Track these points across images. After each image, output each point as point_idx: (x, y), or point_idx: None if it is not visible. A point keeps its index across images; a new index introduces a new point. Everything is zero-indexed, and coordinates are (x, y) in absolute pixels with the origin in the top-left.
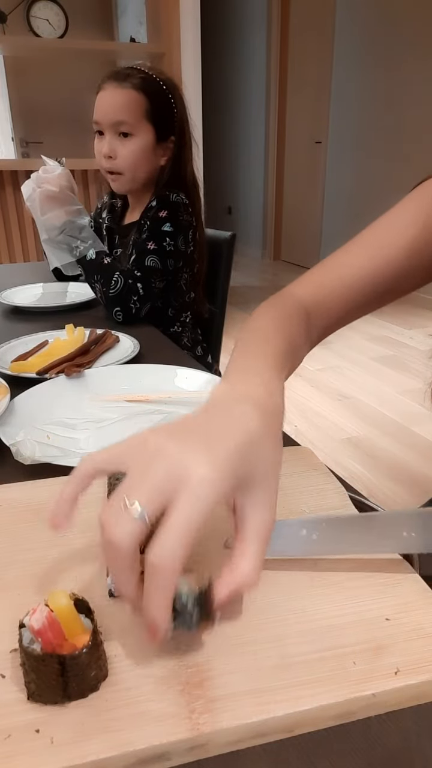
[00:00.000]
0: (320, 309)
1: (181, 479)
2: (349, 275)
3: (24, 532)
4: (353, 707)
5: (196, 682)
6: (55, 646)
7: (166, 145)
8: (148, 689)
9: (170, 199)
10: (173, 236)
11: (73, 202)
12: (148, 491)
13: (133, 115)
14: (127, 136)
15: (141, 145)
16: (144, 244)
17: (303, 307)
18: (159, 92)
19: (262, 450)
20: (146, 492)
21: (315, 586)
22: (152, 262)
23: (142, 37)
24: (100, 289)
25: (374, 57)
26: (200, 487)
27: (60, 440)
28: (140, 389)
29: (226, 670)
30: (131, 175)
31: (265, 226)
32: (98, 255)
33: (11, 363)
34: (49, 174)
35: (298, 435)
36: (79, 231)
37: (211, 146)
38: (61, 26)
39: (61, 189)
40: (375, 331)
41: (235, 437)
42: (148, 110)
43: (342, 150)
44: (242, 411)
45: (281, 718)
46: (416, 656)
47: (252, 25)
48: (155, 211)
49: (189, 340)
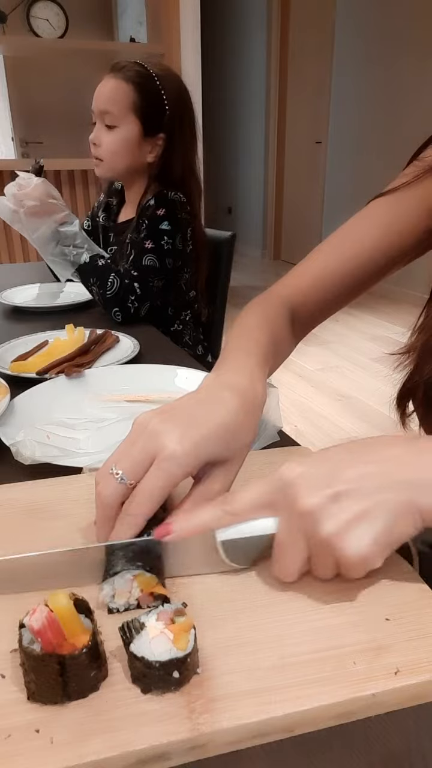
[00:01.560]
0: (301, 307)
1: (155, 453)
2: (323, 275)
3: (24, 532)
4: (353, 707)
5: (196, 682)
6: (54, 646)
7: (153, 141)
8: None
9: (168, 197)
10: (171, 234)
11: (58, 209)
12: (129, 462)
13: (119, 107)
14: (112, 127)
15: (123, 136)
16: (142, 243)
17: (287, 305)
18: (150, 88)
19: (236, 434)
20: (128, 462)
21: (315, 586)
22: (150, 261)
23: (142, 37)
24: (97, 291)
25: (374, 57)
26: (166, 462)
27: (60, 440)
28: (140, 389)
29: (226, 670)
30: (109, 165)
31: (265, 226)
32: (92, 258)
33: (11, 363)
34: (26, 188)
35: (298, 435)
36: (73, 238)
37: (211, 146)
38: (61, 26)
39: (42, 201)
40: (375, 331)
41: (215, 421)
42: (135, 104)
43: (342, 150)
44: (224, 397)
45: (281, 718)
46: (416, 656)
47: (252, 24)
48: (153, 209)
49: (190, 338)
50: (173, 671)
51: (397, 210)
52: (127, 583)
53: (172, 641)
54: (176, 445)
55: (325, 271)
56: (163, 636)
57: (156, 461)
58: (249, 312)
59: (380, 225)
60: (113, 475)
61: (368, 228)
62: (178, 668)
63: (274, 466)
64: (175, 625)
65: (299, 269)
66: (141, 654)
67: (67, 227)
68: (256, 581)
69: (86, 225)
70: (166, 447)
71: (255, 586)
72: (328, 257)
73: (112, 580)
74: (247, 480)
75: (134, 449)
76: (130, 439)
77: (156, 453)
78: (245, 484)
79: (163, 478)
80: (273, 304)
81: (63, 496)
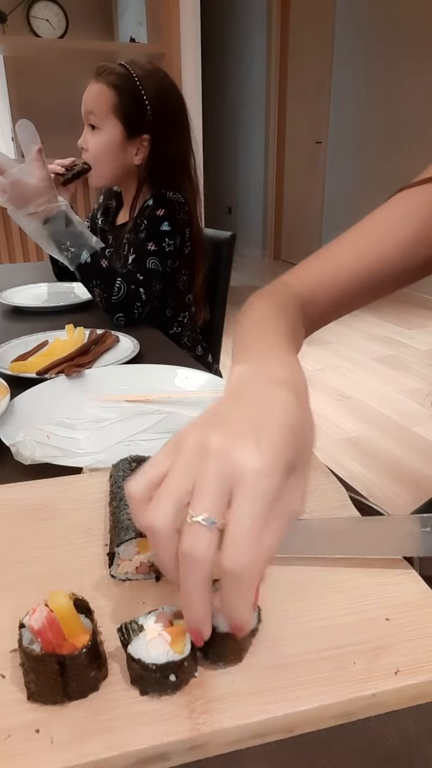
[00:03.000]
0: (312, 301)
1: (235, 477)
2: (340, 272)
3: (24, 532)
4: (353, 707)
5: (196, 682)
6: (54, 646)
7: (138, 142)
8: None
9: (167, 197)
10: (172, 236)
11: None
12: (209, 499)
13: (100, 110)
14: (95, 129)
15: (106, 139)
16: (143, 245)
17: (297, 295)
18: (130, 89)
19: (303, 432)
20: (207, 501)
21: (315, 586)
22: (153, 265)
23: (142, 37)
24: (101, 294)
25: (374, 57)
26: (256, 482)
27: (60, 440)
28: (140, 389)
29: (226, 670)
30: (97, 172)
31: (265, 226)
32: (94, 257)
33: (11, 363)
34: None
35: None
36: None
37: (211, 146)
38: (61, 26)
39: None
40: (375, 331)
41: (279, 422)
42: (116, 106)
43: (342, 150)
44: (277, 394)
45: (281, 718)
46: (416, 656)
47: (252, 24)
48: (152, 209)
49: (189, 339)
50: (170, 674)
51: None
52: (131, 551)
53: (170, 644)
54: (257, 458)
55: (340, 271)
56: (161, 638)
57: (240, 486)
58: (261, 300)
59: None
60: (198, 525)
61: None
62: (174, 671)
63: None
64: (173, 628)
65: (314, 263)
66: (138, 656)
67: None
68: None
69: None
70: (245, 463)
71: None
72: (344, 255)
73: (118, 551)
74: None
75: (206, 482)
76: (187, 469)
77: (235, 476)
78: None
79: (260, 502)
80: (284, 293)
81: (63, 496)
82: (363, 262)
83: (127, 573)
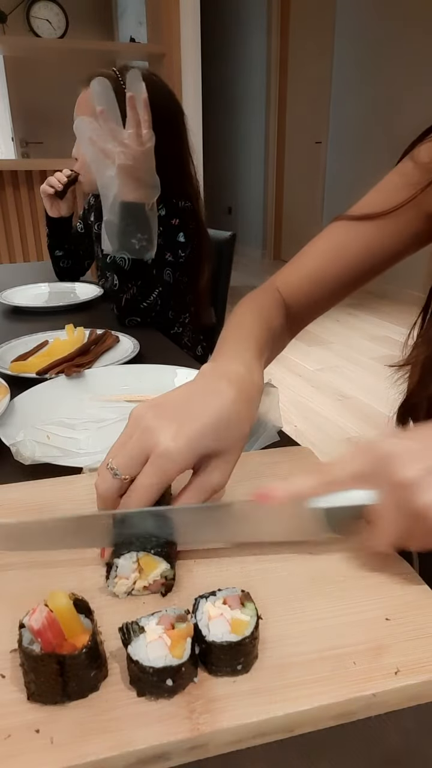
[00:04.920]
0: (295, 302)
1: (150, 449)
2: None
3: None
4: (353, 707)
5: (196, 682)
6: (54, 646)
7: None
8: None
9: (179, 206)
10: (185, 247)
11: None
12: (123, 458)
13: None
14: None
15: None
16: (161, 254)
17: (280, 299)
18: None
19: (232, 425)
20: (123, 458)
21: (315, 586)
22: (168, 276)
23: (142, 37)
24: (134, 294)
25: (374, 57)
26: (160, 459)
27: (60, 440)
28: (140, 389)
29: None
30: (86, 180)
31: (265, 226)
32: (153, 260)
33: (11, 363)
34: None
35: (298, 435)
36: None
37: (211, 146)
38: (61, 26)
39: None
40: (375, 331)
41: (210, 413)
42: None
43: (342, 150)
44: (220, 387)
45: (281, 718)
46: (416, 656)
47: (252, 25)
48: (165, 219)
49: (189, 339)
50: (167, 679)
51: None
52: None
53: (169, 648)
54: (170, 442)
55: (318, 270)
56: (161, 641)
57: (151, 458)
58: (244, 305)
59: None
60: (109, 470)
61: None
62: (171, 676)
63: (274, 466)
64: (174, 631)
65: (294, 264)
66: (136, 657)
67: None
68: (256, 582)
69: (79, 228)
70: (159, 444)
71: (256, 587)
72: (317, 256)
73: (116, 563)
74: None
75: (129, 445)
76: (126, 433)
77: (150, 449)
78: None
79: (157, 475)
80: (267, 297)
81: (63, 496)
82: (332, 268)
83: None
